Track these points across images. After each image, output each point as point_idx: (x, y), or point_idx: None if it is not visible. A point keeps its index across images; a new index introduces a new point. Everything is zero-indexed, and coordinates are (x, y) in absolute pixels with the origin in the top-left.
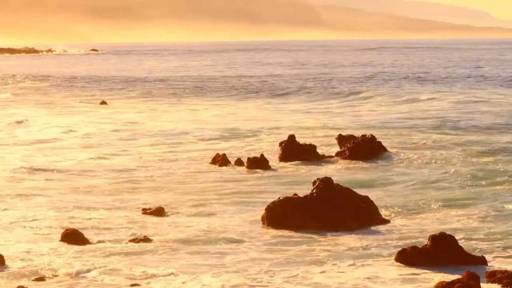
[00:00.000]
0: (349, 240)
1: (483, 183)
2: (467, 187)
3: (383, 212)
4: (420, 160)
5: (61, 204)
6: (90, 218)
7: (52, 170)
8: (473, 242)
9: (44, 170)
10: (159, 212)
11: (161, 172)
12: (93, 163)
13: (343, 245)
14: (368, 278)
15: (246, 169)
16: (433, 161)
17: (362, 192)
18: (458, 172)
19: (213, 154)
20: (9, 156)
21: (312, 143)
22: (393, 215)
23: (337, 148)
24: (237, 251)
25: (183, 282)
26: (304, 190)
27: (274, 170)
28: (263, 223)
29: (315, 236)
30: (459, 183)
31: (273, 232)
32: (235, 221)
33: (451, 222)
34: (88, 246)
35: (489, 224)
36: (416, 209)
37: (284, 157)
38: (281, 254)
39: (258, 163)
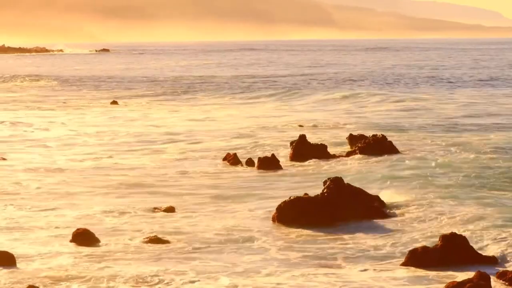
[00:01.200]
0: (360, 240)
1: (495, 182)
2: (477, 187)
3: (394, 211)
4: (431, 160)
5: (74, 203)
6: (101, 217)
7: (65, 170)
8: (484, 242)
9: (58, 170)
10: (170, 211)
11: (172, 171)
12: (105, 163)
13: (353, 245)
14: (379, 278)
15: (256, 169)
16: (444, 161)
17: (373, 192)
18: (470, 172)
19: (224, 153)
20: (24, 156)
21: (322, 143)
22: (404, 214)
23: (347, 148)
24: (247, 251)
25: (195, 282)
26: (315, 190)
27: (284, 169)
28: (274, 223)
29: (326, 236)
30: (470, 183)
31: (283, 232)
32: (246, 221)
33: (462, 221)
34: (98, 245)
35: (501, 224)
36: (427, 208)
37: (294, 157)
38: (292, 254)
39: (269, 163)
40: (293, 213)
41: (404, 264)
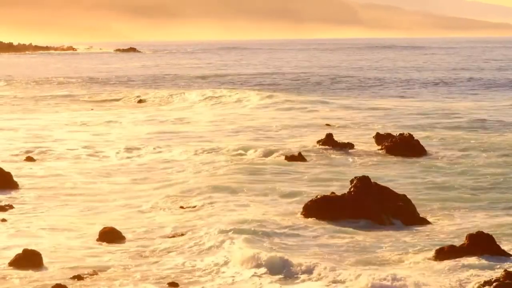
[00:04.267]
0: (387, 238)
1: None
2: (503, 187)
3: (421, 210)
4: (458, 160)
5: (98, 202)
6: (127, 216)
7: (91, 169)
8: (510, 241)
9: (86, 169)
10: (196, 208)
11: (197, 168)
12: (132, 161)
13: (380, 243)
14: (405, 275)
15: (283, 166)
16: (472, 161)
17: (399, 190)
18: (496, 173)
19: (250, 150)
20: (54, 158)
21: (350, 142)
22: (431, 213)
23: (374, 147)
24: (274, 248)
25: (223, 278)
26: (341, 189)
27: (311, 167)
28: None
29: (352, 234)
30: (496, 183)
31: (310, 229)
32: (273, 218)
33: (488, 220)
34: (124, 243)
35: None
36: (454, 207)
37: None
38: (317, 251)
39: (296, 161)
40: (320, 211)
41: (430, 262)
